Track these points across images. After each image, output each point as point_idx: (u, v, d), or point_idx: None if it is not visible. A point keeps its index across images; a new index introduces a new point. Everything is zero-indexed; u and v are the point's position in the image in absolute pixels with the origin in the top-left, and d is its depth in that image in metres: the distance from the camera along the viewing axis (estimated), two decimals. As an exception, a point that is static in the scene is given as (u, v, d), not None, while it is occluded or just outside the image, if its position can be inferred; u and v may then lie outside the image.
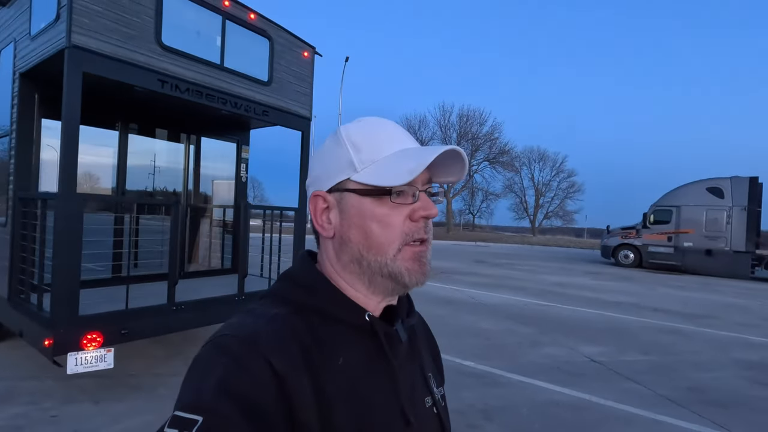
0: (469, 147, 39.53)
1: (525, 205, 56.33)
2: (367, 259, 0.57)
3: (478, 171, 42.43)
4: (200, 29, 3.53)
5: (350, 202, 0.58)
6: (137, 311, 3.17)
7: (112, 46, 2.94)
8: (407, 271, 0.56)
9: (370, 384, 0.55)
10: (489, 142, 40.44)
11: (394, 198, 0.56)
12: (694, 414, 3.50)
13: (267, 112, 4.08)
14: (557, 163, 53.66)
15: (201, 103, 3.52)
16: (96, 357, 2.89)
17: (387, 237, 0.56)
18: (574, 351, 5.10)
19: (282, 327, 0.52)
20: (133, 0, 3.06)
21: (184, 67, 3.38)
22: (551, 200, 55.76)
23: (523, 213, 57.28)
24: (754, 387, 4.19)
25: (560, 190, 54.68)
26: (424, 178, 0.59)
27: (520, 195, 55.82)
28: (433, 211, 0.57)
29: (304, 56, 4.45)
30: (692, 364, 4.85)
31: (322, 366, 0.52)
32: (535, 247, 29.05)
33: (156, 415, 3.01)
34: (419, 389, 0.63)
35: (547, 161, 53.95)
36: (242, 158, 5.27)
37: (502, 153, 41.04)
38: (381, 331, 0.57)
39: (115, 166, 4.34)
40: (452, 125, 40.76)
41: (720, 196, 14.36)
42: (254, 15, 3.92)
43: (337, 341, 0.55)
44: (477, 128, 40.36)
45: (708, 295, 10.15)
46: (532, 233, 53.70)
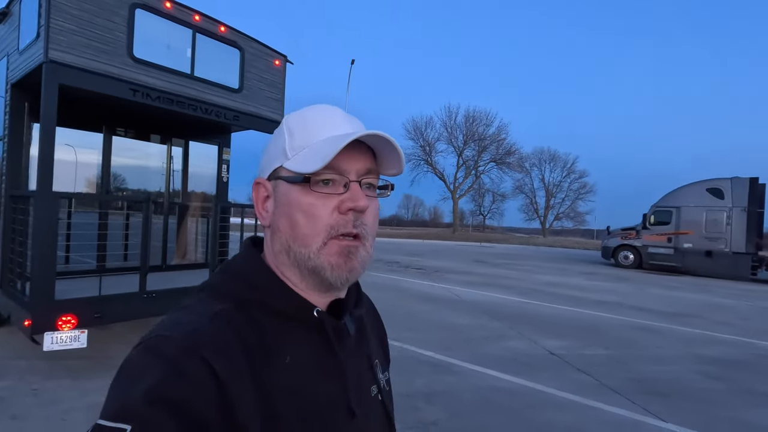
0: (475, 148, 39.62)
1: (535, 206, 55.96)
2: (293, 250, 0.55)
3: (485, 172, 42.47)
4: (171, 42, 3.88)
5: (281, 190, 0.56)
6: (110, 297, 3.52)
7: (86, 60, 3.30)
8: (330, 266, 0.53)
9: (318, 380, 0.54)
10: (496, 143, 40.41)
11: (319, 187, 0.53)
12: (628, 401, 3.68)
13: (238, 117, 4.41)
14: (568, 163, 53.22)
15: (172, 109, 3.86)
16: (70, 337, 3.24)
17: (311, 228, 0.53)
18: (536, 344, 5.30)
19: (224, 326, 0.49)
20: (106, 18, 3.41)
21: (154, 77, 3.72)
22: (562, 201, 55.33)
23: (534, 214, 56.93)
24: (702, 379, 4.34)
25: (571, 191, 54.18)
26: (361, 168, 0.55)
27: (531, 196, 55.52)
28: (360, 203, 0.53)
29: (276, 64, 4.77)
30: (650, 358, 5.00)
31: (267, 366, 0.50)
32: (540, 248, 28.97)
33: (124, 391, 3.35)
34: (365, 379, 0.62)
35: (558, 162, 53.58)
36: (223, 160, 5.62)
37: (508, 153, 40.95)
38: (329, 326, 0.56)
39: (100, 166, 4.72)
40: (458, 126, 40.92)
41: (720, 197, 14.24)
42: (224, 28, 4.26)
43: (284, 339, 0.53)
44: (483, 129, 40.42)
45: (699, 296, 10.15)
46: (543, 234, 53.31)
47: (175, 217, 5.60)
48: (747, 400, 3.85)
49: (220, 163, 5.63)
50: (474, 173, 42.13)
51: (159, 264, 5.13)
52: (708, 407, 3.64)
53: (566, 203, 55.21)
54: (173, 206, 5.49)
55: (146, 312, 3.81)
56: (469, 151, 40.97)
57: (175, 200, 5.56)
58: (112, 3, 3.44)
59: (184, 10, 3.95)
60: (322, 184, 0.53)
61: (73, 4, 3.22)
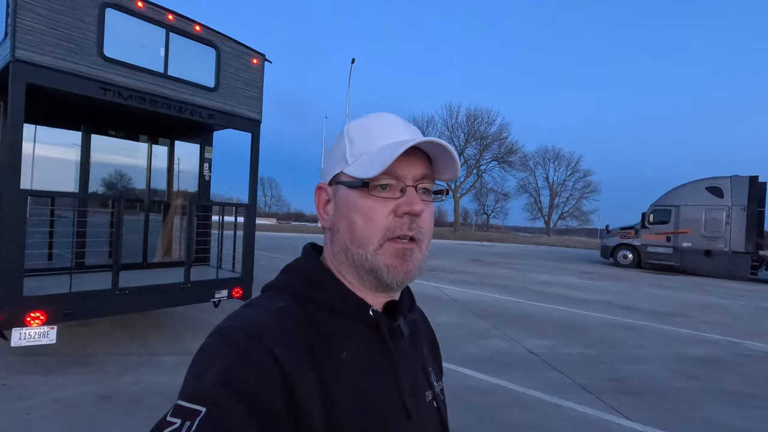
0: (477, 147, 39.50)
1: (539, 205, 55.75)
2: (351, 251, 0.57)
3: (486, 171, 42.35)
4: (144, 41, 3.91)
5: (341, 193, 0.59)
6: (81, 294, 3.56)
7: (55, 59, 3.34)
8: (386, 267, 0.56)
9: (373, 379, 0.55)
10: (497, 142, 40.28)
11: (377, 192, 0.56)
12: (598, 400, 3.66)
13: (213, 116, 4.43)
14: (573, 162, 52.98)
15: (144, 108, 3.89)
16: (39, 333, 3.29)
17: (368, 230, 0.56)
18: (516, 344, 5.28)
19: (286, 320, 0.53)
20: (76, 18, 3.45)
21: (126, 76, 3.75)
22: (566, 200, 55.08)
23: (538, 213, 56.70)
24: (677, 378, 4.31)
25: (575, 190, 53.95)
26: (417, 174, 0.57)
27: (534, 195, 55.32)
28: (416, 207, 0.55)
29: (253, 63, 4.78)
30: (630, 357, 4.97)
31: (325, 360, 0.52)
32: (541, 247, 28.83)
33: (91, 387, 3.39)
34: (420, 383, 0.63)
35: (562, 160, 53.35)
36: (205, 158, 5.66)
37: (510, 152, 40.79)
38: (384, 325, 0.58)
39: (78, 164, 4.77)
40: (460, 125, 40.83)
41: (719, 196, 14.10)
42: (199, 27, 4.28)
43: (341, 335, 0.55)
44: (485, 128, 40.31)
45: (693, 295, 10.06)
46: (547, 234, 53.08)
47: (159, 215, 5.64)
48: (719, 399, 3.82)
49: (201, 161, 5.67)
50: (476, 172, 42.09)
51: (140, 261, 5.18)
52: (677, 406, 3.61)
53: (571, 202, 55.02)
54: (153, 204, 5.52)
55: (119, 309, 3.85)
56: (471, 149, 40.96)
57: (154, 198, 5.59)
58: (82, 3, 3.48)
59: (157, 10, 3.98)
60: (380, 189, 0.56)
61: (41, 4, 3.26)
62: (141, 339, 4.68)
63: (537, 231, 59.92)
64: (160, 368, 3.85)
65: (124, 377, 3.62)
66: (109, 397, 3.26)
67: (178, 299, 4.25)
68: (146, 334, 4.82)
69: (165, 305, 4.27)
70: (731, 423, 3.36)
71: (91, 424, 2.87)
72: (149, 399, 3.27)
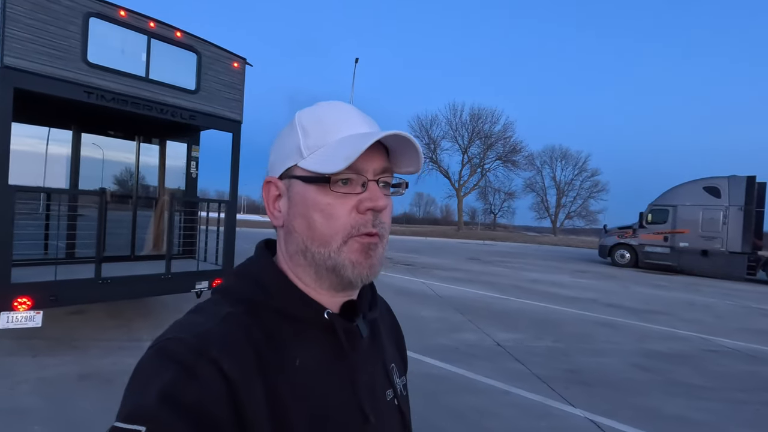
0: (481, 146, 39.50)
1: (546, 204, 55.48)
2: (311, 251, 0.54)
3: (490, 170, 42.34)
4: (126, 48, 4.18)
5: (296, 189, 0.55)
6: (65, 282, 3.85)
7: (41, 65, 3.63)
8: (351, 264, 0.53)
9: (329, 383, 0.54)
10: (502, 141, 40.24)
11: (338, 187, 0.53)
12: (549, 389, 3.85)
13: (194, 117, 4.70)
14: (580, 161, 52.62)
15: (126, 110, 4.17)
16: (25, 317, 3.58)
17: (330, 228, 0.53)
18: (487, 336, 5.48)
19: (234, 328, 0.50)
20: (61, 27, 3.73)
21: (109, 80, 4.03)
22: (573, 200, 54.73)
23: (545, 213, 56.44)
24: (633, 371, 4.47)
25: (583, 189, 53.59)
26: (377, 167, 0.55)
27: (541, 194, 55.07)
28: (380, 202, 0.53)
29: (234, 66, 5.04)
30: (594, 351, 5.13)
31: (277, 368, 0.50)
32: (543, 246, 28.81)
33: (73, 367, 3.68)
34: (380, 384, 0.61)
35: (570, 160, 53.01)
36: (192, 156, 5.95)
37: (514, 151, 40.73)
38: (340, 328, 0.55)
39: (69, 162, 5.09)
40: (464, 124, 40.87)
41: (717, 196, 14.06)
42: (180, 33, 4.55)
43: (294, 341, 0.53)
44: (489, 127, 40.31)
45: (682, 294, 10.12)
46: (553, 233, 52.83)
47: (147, 210, 5.95)
48: (667, 390, 3.98)
49: (188, 159, 5.96)
50: (480, 171, 42.11)
51: (128, 254, 5.48)
52: (623, 396, 3.78)
53: (578, 202, 54.66)
54: (141, 200, 5.83)
55: (101, 297, 4.14)
56: (475, 148, 41.02)
57: (142, 195, 5.90)
58: (66, 12, 3.76)
59: (139, 18, 4.25)
60: (340, 184, 0.53)
61: (28, 15, 3.54)
62: (127, 326, 4.98)
63: (545, 230, 59.67)
64: (138, 353, 3.96)
65: (104, 360, 3.91)
66: (87, 376, 3.55)
67: (159, 289, 4.54)
68: (132, 322, 5.12)
69: (147, 294, 4.56)
70: (671, 411, 3.52)
71: (66, 398, 3.16)
72: (123, 378, 3.48)
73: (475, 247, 23.67)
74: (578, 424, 3.24)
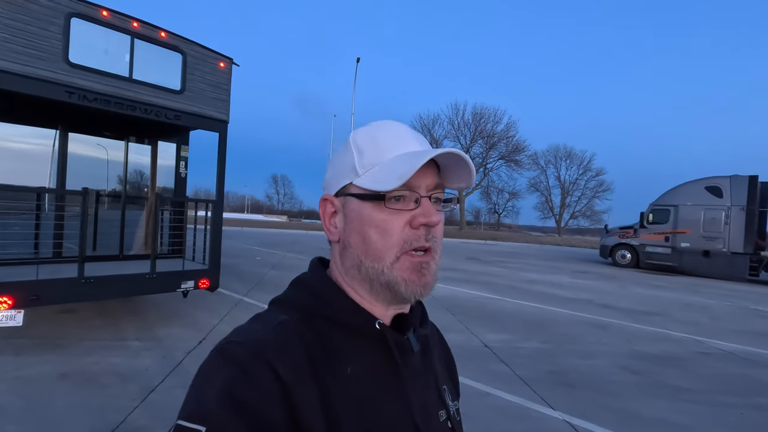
0: (483, 145, 39.37)
1: (550, 204, 55.24)
2: (365, 266, 0.56)
3: (492, 169, 42.20)
4: (109, 48, 4.19)
5: (352, 206, 0.57)
6: (48, 281, 3.87)
7: (21, 65, 3.64)
8: (404, 282, 0.54)
9: (380, 395, 0.54)
10: (505, 140, 40.07)
11: (392, 204, 0.55)
12: (530, 391, 3.81)
13: (179, 117, 4.71)
14: (585, 161, 52.33)
15: (110, 110, 4.18)
16: (6, 316, 3.60)
17: (384, 244, 0.55)
18: (475, 337, 5.44)
19: (289, 334, 0.52)
20: (41, 27, 3.74)
21: (91, 80, 4.05)
22: (578, 200, 54.46)
23: (549, 213, 56.18)
24: (619, 373, 4.41)
25: (588, 189, 53.31)
26: (430, 183, 0.57)
27: (546, 194, 54.82)
28: (434, 218, 0.55)
29: (220, 66, 5.04)
30: (582, 352, 5.08)
31: (329, 375, 0.51)
32: (545, 246, 28.65)
33: (54, 366, 3.70)
34: (432, 402, 0.61)
35: (574, 159, 52.72)
36: (181, 156, 5.96)
37: (517, 150, 40.53)
38: (392, 340, 0.56)
39: (56, 162, 5.12)
40: (467, 123, 40.74)
41: (719, 196, 13.89)
42: (165, 33, 4.56)
43: (346, 350, 0.54)
44: (492, 126, 40.15)
45: (680, 295, 10.00)
46: (558, 233, 52.57)
47: (140, 210, 5.97)
48: (650, 392, 3.92)
49: (178, 159, 5.97)
50: (482, 171, 41.95)
51: (117, 253, 5.51)
52: (605, 398, 3.74)
53: (583, 202, 54.38)
54: (129, 200, 5.85)
55: (84, 296, 4.16)
56: (477, 148, 40.87)
57: (130, 194, 5.92)
58: (47, 13, 3.77)
59: (122, 18, 4.26)
60: (394, 201, 0.55)
61: (6, 15, 3.56)
62: (114, 326, 5.00)
63: (550, 230, 59.40)
64: (122, 351, 4.14)
65: (86, 358, 3.92)
66: (67, 375, 3.56)
67: (144, 288, 4.55)
68: (120, 322, 5.14)
69: (131, 294, 4.57)
70: (651, 414, 3.47)
71: (43, 397, 3.17)
72: (102, 378, 3.55)
73: (476, 247, 23.58)
74: (555, 426, 3.20)
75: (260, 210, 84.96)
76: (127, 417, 2.94)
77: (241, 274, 8.93)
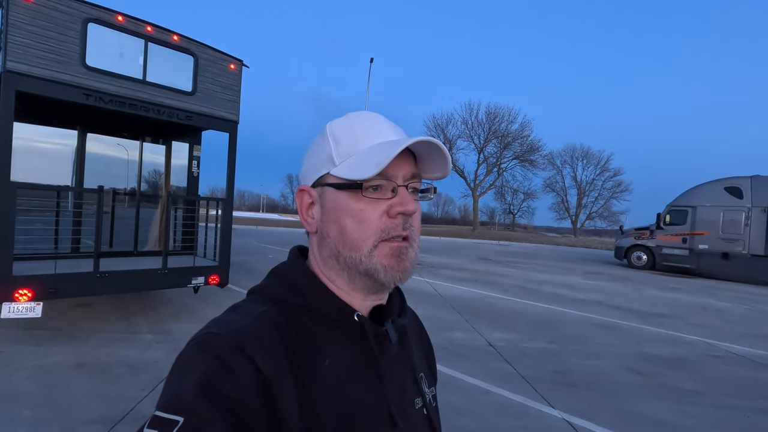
0: (497, 145, 39.03)
1: (566, 205, 54.37)
2: (343, 255, 0.56)
3: (506, 169, 41.79)
4: (124, 51, 4.35)
5: (328, 196, 0.57)
6: (65, 275, 4.05)
7: (42, 69, 3.82)
8: (383, 268, 0.55)
9: (357, 385, 0.55)
10: (519, 140, 39.63)
11: (369, 193, 0.55)
12: (532, 389, 3.82)
13: (191, 117, 4.85)
14: (602, 161, 51.37)
15: (124, 111, 4.34)
16: (26, 308, 3.79)
17: (361, 233, 0.55)
18: (480, 336, 5.45)
19: (268, 326, 0.52)
20: (60, 33, 3.92)
21: (107, 83, 4.21)
22: (595, 200, 53.48)
23: (565, 213, 55.33)
24: (624, 374, 4.38)
25: (605, 189, 52.29)
26: (407, 173, 0.57)
27: (561, 194, 54.00)
28: (410, 207, 0.55)
29: (231, 68, 5.18)
30: (588, 353, 5.05)
31: (307, 367, 0.52)
32: (559, 247, 28.27)
33: (71, 356, 3.87)
34: (409, 390, 0.62)
35: (591, 159, 51.80)
36: (194, 156, 6.13)
37: (532, 150, 40.04)
38: (370, 331, 0.56)
39: (74, 161, 5.33)
40: (480, 123, 40.41)
41: (739, 196, 13.53)
42: (177, 36, 4.70)
43: (325, 341, 0.55)
44: (506, 126, 39.73)
45: (695, 298, 9.79)
46: (574, 234, 51.77)
47: (151, 207, 6.16)
48: (654, 394, 3.89)
49: (190, 158, 6.14)
50: (496, 171, 41.64)
51: (131, 249, 5.70)
52: (608, 399, 3.72)
53: (599, 202, 53.38)
54: (143, 198, 6.04)
55: (100, 289, 4.33)
56: (491, 147, 40.56)
57: (144, 193, 6.11)
58: (65, 18, 3.94)
59: (136, 23, 4.42)
60: (371, 190, 0.55)
61: (29, 21, 3.74)
62: (128, 319, 5.18)
63: (566, 231, 58.53)
64: (134, 344, 4.30)
65: (101, 350, 4.08)
66: (82, 365, 3.73)
67: (156, 283, 4.71)
68: (134, 315, 5.32)
69: (144, 288, 4.73)
70: (654, 415, 3.45)
71: (59, 384, 3.33)
72: (115, 368, 3.71)
73: (489, 248, 23.43)
74: (553, 425, 3.21)
75: (275, 209, 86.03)
76: (137, 405, 3.08)
77: (251, 272, 9.10)
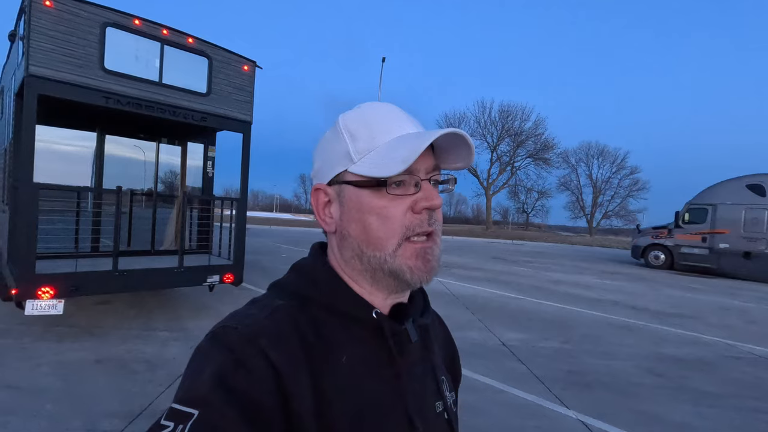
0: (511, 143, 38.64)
1: (581, 203, 53.55)
2: (366, 255, 0.55)
3: (520, 168, 41.34)
4: (140, 54, 4.45)
5: (348, 194, 0.55)
6: (86, 274, 4.16)
7: (62, 73, 3.93)
8: (409, 269, 0.54)
9: (374, 383, 0.53)
10: (533, 138, 39.16)
11: (392, 189, 0.53)
12: (546, 389, 3.78)
13: (206, 118, 4.93)
14: (618, 159, 50.44)
15: (141, 113, 4.44)
16: (48, 305, 3.90)
17: (386, 231, 0.53)
18: (493, 336, 5.42)
19: (284, 321, 0.52)
20: (80, 37, 4.02)
21: (125, 85, 4.31)
22: (611, 199, 52.55)
23: (580, 212, 54.50)
24: (641, 375, 4.30)
25: (621, 188, 51.34)
26: (428, 166, 0.55)
27: (576, 193, 53.21)
28: (437, 201, 0.54)
29: (244, 69, 5.24)
30: (603, 353, 4.97)
31: (323, 363, 0.51)
32: (574, 246, 27.88)
33: (92, 352, 3.97)
34: (430, 393, 0.60)
35: (607, 157, 50.93)
36: (208, 156, 6.22)
37: (546, 148, 39.52)
38: (389, 329, 0.55)
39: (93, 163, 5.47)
40: (493, 121, 40.05)
41: (761, 194, 13.14)
42: (192, 39, 4.78)
43: (342, 338, 0.54)
44: (519, 124, 39.30)
45: (716, 298, 9.55)
46: (589, 233, 50.99)
47: (171, 208, 6.28)
48: (673, 395, 3.81)
49: (205, 159, 6.24)
50: (509, 169, 41.26)
51: (148, 248, 5.82)
52: (623, 400, 3.66)
53: (616, 201, 52.43)
54: (160, 198, 6.16)
55: (119, 287, 4.44)
56: (504, 146, 40.17)
57: (160, 193, 6.23)
58: (85, 23, 4.05)
59: (153, 26, 4.51)
60: (394, 186, 0.53)
61: (50, 27, 3.85)
62: (146, 317, 5.29)
63: (581, 230, 57.68)
64: (152, 341, 4.39)
65: (120, 346, 4.18)
66: (101, 361, 3.82)
67: (173, 282, 4.80)
68: (152, 313, 5.43)
69: (161, 287, 4.83)
70: (672, 417, 3.39)
71: (79, 379, 3.43)
72: (133, 364, 3.79)
73: (502, 247, 23.24)
74: (568, 425, 3.18)
75: (288, 209, 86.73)
76: (154, 401, 3.15)
77: (265, 270, 9.20)
